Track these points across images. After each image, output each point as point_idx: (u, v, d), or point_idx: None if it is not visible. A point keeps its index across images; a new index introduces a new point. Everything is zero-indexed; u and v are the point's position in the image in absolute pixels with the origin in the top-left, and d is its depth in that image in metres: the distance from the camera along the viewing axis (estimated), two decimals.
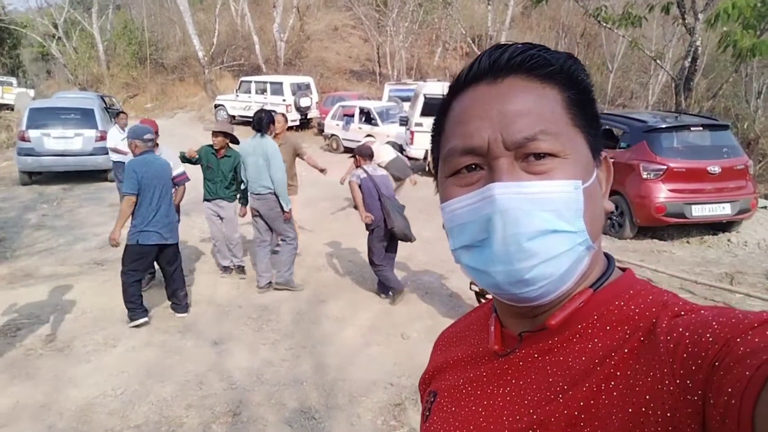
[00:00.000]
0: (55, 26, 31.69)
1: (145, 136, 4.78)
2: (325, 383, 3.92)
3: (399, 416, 3.52)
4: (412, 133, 12.34)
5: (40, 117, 11.13)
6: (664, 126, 7.39)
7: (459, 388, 0.73)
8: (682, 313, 0.57)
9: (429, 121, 12.87)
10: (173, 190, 5.08)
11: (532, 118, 0.61)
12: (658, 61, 14.80)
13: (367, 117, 15.38)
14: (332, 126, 16.40)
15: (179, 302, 5.07)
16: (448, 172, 0.66)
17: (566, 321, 0.63)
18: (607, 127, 8.47)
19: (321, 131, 17.83)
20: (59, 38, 31.92)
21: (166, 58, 30.20)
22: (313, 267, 6.49)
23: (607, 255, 0.70)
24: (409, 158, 12.77)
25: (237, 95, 20.56)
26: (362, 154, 5.43)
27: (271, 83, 19.77)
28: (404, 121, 13.27)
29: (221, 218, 6.02)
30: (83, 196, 10.39)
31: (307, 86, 19.91)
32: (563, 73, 0.64)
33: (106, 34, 31.88)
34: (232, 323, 4.99)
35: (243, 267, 6.20)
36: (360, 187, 5.28)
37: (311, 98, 19.24)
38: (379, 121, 15.05)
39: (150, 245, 4.69)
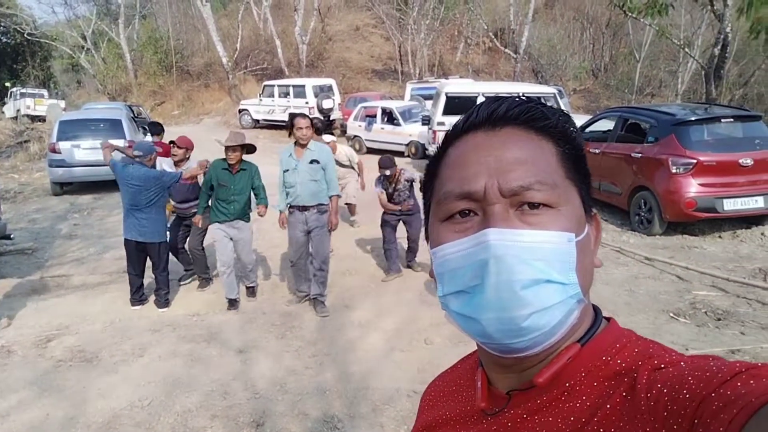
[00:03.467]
0: (84, 38, 32.51)
1: (135, 152, 5.51)
2: (348, 392, 3.92)
3: None
4: (434, 132, 12.26)
5: (70, 129, 11.42)
6: (693, 118, 7.19)
7: None
8: (662, 366, 0.56)
9: (451, 120, 12.92)
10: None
11: (529, 168, 0.62)
12: (686, 50, 14.43)
13: (389, 117, 15.36)
14: (355, 127, 16.42)
15: (160, 299, 5.62)
16: (441, 216, 0.66)
17: (554, 378, 0.62)
18: (633, 120, 8.29)
19: (344, 133, 17.88)
20: (88, 49, 32.75)
21: (191, 65, 30.66)
22: (338, 272, 6.48)
23: (595, 308, 0.69)
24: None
25: (260, 99, 20.78)
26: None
27: (294, 86, 19.93)
28: (427, 121, 13.21)
29: (233, 241, 5.45)
30: (113, 205, 10.60)
31: (330, 88, 19.99)
32: (558, 128, 0.66)
33: (133, 44, 32.54)
34: (256, 331, 5.03)
35: (254, 289, 5.81)
36: None
37: (333, 100, 19.30)
38: (401, 121, 15.02)
39: (127, 239, 5.42)
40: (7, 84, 32.25)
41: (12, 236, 7.31)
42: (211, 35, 25.40)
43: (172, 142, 6.11)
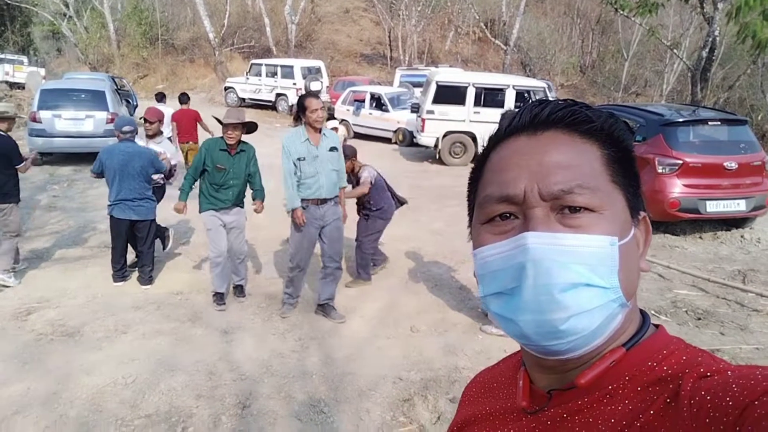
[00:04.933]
0: (66, 5, 31.54)
1: (124, 128, 5.36)
2: (333, 376, 3.92)
3: (408, 412, 3.52)
4: (423, 120, 12.24)
5: (52, 98, 11.13)
6: (681, 120, 7.27)
7: None
8: (708, 374, 0.56)
9: (441, 109, 12.82)
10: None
11: (570, 172, 0.61)
12: (674, 51, 14.58)
13: (377, 102, 15.29)
14: (343, 111, 16.32)
15: (144, 275, 5.53)
16: (482, 218, 0.67)
17: (597, 380, 0.62)
18: (622, 119, 8.36)
19: (331, 116, 17.76)
20: (70, 17, 31.80)
21: (177, 38, 30.04)
22: None
23: (643, 312, 0.69)
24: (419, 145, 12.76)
25: (247, 78, 20.50)
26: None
27: (282, 66, 19.70)
28: (416, 108, 13.17)
29: (227, 229, 5.02)
30: (94, 178, 10.38)
31: (318, 70, 19.80)
32: (604, 131, 0.65)
33: (117, 14, 31.70)
34: (241, 312, 5.00)
35: (243, 288, 5.29)
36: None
37: (322, 82, 19.12)
38: (389, 107, 14.96)
39: (116, 218, 5.33)
40: None
41: None
42: (198, 9, 24.93)
43: (142, 118, 5.98)
